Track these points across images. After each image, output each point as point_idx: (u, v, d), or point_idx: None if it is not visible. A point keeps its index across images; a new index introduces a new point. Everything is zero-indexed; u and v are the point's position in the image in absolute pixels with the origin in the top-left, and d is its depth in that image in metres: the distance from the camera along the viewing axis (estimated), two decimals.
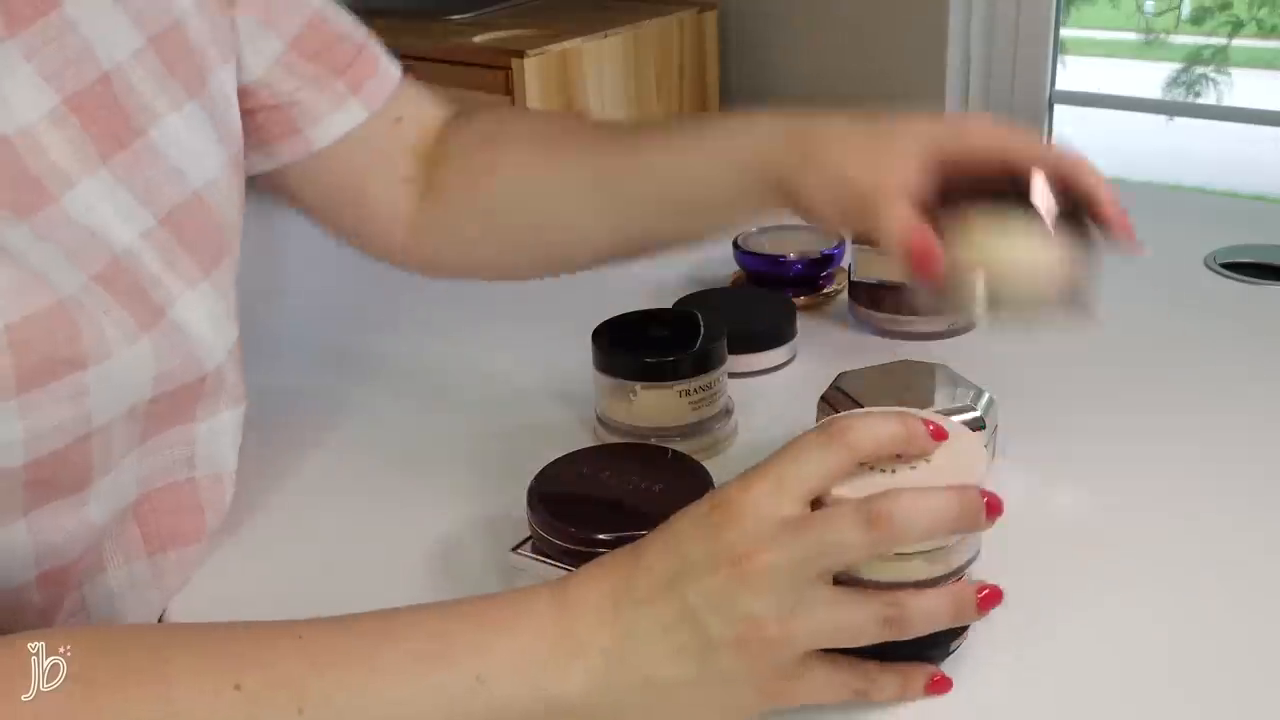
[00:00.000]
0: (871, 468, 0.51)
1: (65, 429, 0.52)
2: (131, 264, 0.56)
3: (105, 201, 0.55)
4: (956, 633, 0.54)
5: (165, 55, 0.58)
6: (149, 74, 0.57)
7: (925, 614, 0.50)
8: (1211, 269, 0.96)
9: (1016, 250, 0.57)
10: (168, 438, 0.60)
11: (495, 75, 1.16)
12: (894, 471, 0.51)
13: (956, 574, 0.52)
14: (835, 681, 0.51)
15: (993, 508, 0.50)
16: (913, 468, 0.51)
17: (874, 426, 0.51)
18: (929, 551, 0.50)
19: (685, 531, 0.50)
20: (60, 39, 0.53)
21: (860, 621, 0.49)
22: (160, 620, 0.62)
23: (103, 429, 0.54)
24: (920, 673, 0.53)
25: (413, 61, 1.29)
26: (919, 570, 0.50)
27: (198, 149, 0.60)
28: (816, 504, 0.50)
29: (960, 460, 0.52)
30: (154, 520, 0.61)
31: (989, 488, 0.50)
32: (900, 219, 0.59)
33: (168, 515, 0.62)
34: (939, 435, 0.52)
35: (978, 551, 0.53)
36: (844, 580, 0.50)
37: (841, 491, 0.50)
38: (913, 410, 0.54)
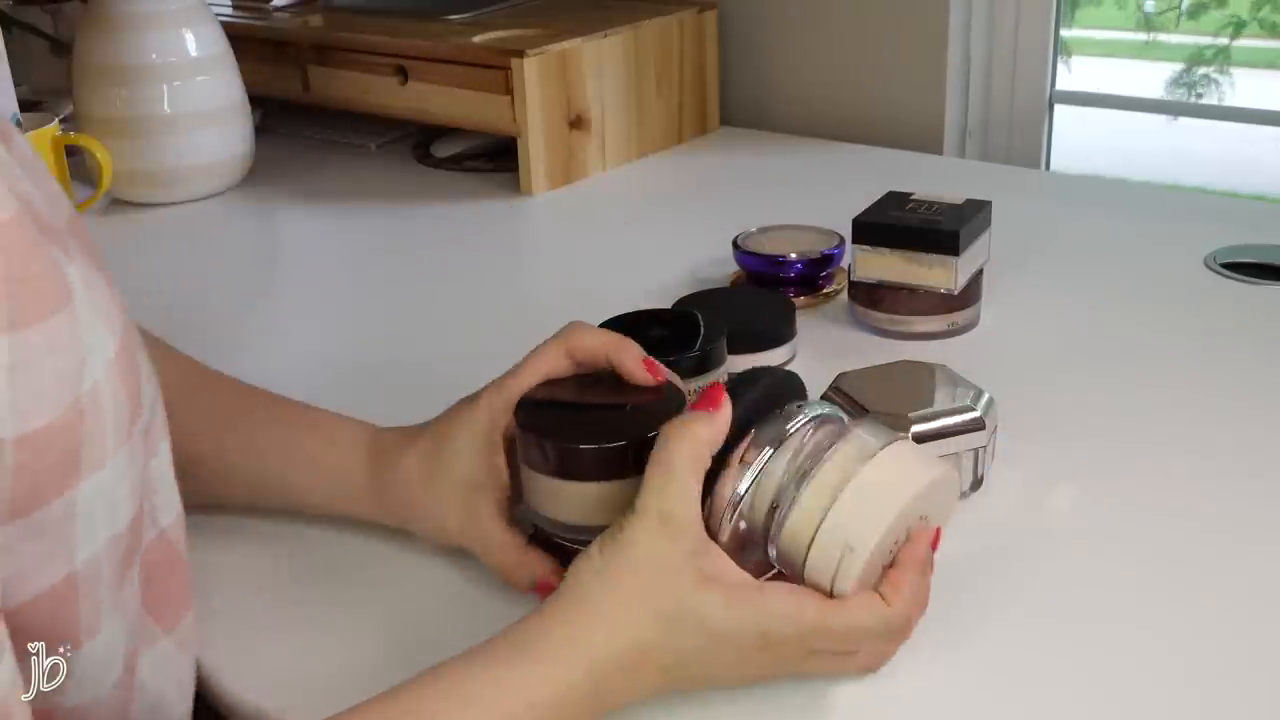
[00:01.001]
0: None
1: (139, 480, 0.46)
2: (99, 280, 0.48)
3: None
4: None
5: None
6: None
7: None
8: (1211, 269, 0.96)
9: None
10: (145, 480, 0.50)
11: (495, 75, 1.16)
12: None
13: None
14: None
15: None
16: None
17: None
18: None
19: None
20: None
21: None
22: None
23: (149, 476, 0.49)
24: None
25: (413, 61, 1.30)
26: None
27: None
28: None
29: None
30: (152, 591, 0.52)
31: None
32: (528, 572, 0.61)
33: (161, 581, 0.52)
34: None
35: None
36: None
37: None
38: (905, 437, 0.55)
